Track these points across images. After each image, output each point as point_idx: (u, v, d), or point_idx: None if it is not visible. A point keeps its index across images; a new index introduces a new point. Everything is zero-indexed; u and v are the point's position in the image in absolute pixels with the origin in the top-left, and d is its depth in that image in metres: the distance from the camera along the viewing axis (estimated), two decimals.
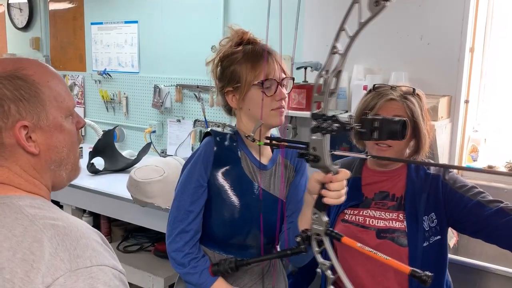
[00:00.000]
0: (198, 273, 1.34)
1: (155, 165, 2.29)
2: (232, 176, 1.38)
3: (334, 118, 0.98)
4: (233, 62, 1.35)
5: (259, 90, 1.31)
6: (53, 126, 0.88)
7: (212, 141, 1.38)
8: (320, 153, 1.01)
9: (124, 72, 3.84)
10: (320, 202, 1.08)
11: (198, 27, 3.29)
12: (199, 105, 3.32)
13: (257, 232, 1.39)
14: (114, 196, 2.63)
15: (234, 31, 1.39)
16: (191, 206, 1.36)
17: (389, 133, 0.96)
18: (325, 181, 1.07)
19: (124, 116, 3.86)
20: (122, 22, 3.78)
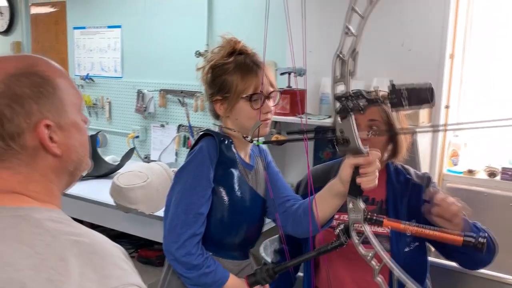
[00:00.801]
0: (213, 271, 1.33)
1: (138, 171, 2.27)
2: (232, 177, 1.40)
3: (359, 93, 0.96)
4: (224, 72, 1.37)
5: (247, 102, 1.35)
6: (71, 124, 0.83)
7: (215, 141, 1.39)
8: (349, 135, 0.99)
9: (107, 77, 3.81)
10: (355, 188, 1.05)
11: (182, 32, 3.29)
12: (183, 110, 3.32)
13: (250, 231, 1.45)
14: (96, 202, 2.60)
15: (227, 40, 1.41)
16: (201, 209, 1.34)
17: (419, 100, 0.94)
18: (360, 163, 1.06)
19: (107, 121, 3.83)
20: (105, 26, 3.76)
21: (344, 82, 0.96)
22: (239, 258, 1.46)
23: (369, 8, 0.90)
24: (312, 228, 1.33)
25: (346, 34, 0.94)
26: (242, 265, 1.46)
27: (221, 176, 1.38)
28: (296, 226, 1.39)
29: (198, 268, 1.31)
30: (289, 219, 1.41)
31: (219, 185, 1.38)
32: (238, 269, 1.43)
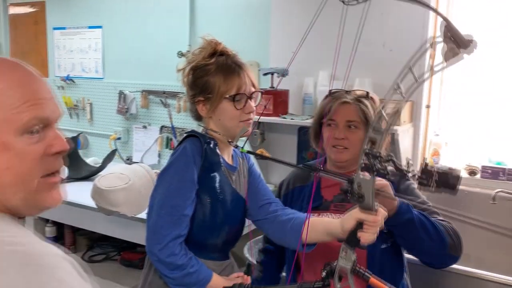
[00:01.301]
0: (197, 271, 1.33)
1: (120, 173, 2.25)
2: (216, 180, 1.40)
3: (390, 158, 0.96)
4: (206, 73, 1.38)
5: (230, 102, 1.37)
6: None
7: (199, 142, 1.39)
8: (366, 193, 0.99)
9: (88, 78, 3.76)
10: (353, 239, 1.07)
11: (164, 32, 3.27)
12: (165, 111, 3.29)
13: (231, 233, 1.46)
14: (78, 205, 2.56)
15: (207, 41, 1.42)
16: (186, 210, 1.34)
17: (447, 185, 0.97)
18: (368, 221, 1.07)
19: (88, 122, 3.79)
20: (86, 27, 3.72)
21: (378, 139, 0.95)
22: (219, 258, 1.47)
23: (427, 74, 0.91)
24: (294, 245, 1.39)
25: (394, 90, 0.94)
26: (223, 265, 1.47)
27: (205, 178, 1.38)
28: (279, 236, 1.45)
29: (182, 268, 1.31)
30: (272, 225, 1.45)
31: (203, 187, 1.38)
32: (219, 269, 1.44)
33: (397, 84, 0.93)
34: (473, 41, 0.84)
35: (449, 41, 0.86)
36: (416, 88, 0.91)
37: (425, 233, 1.41)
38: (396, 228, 1.43)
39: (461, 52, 0.85)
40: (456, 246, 1.46)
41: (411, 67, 0.90)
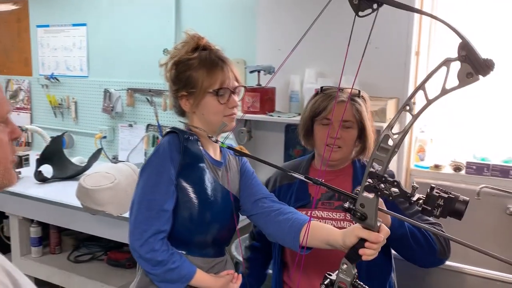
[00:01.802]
0: (179, 267, 1.32)
1: (106, 172, 2.23)
2: (199, 176, 1.39)
3: (395, 183, 0.93)
4: (189, 67, 1.37)
5: (213, 97, 1.36)
6: None
7: (178, 139, 1.38)
8: (368, 212, 0.99)
9: (73, 76, 3.72)
10: (355, 255, 1.07)
11: (150, 29, 3.24)
12: (151, 109, 3.27)
13: (220, 229, 1.43)
14: (63, 205, 2.53)
15: (190, 36, 1.41)
16: (165, 205, 1.33)
17: (453, 212, 0.92)
18: (370, 240, 1.06)
19: (73, 121, 3.75)
20: (70, 24, 3.68)
21: (384, 160, 0.93)
22: (210, 255, 1.44)
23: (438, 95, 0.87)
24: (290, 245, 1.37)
25: (403, 109, 0.91)
26: (212, 263, 1.44)
27: (186, 173, 1.37)
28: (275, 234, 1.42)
29: (163, 264, 1.31)
30: (268, 221, 1.43)
31: (185, 182, 1.37)
32: (208, 267, 1.42)
33: (408, 104, 0.90)
34: (492, 64, 0.81)
35: (466, 62, 0.82)
36: (426, 108, 0.88)
37: (417, 244, 1.45)
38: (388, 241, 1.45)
39: (478, 75, 0.82)
40: (445, 250, 1.49)
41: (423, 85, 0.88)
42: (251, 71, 2.60)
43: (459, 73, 0.83)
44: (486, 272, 1.73)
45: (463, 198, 0.92)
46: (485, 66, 0.80)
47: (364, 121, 1.54)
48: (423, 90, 0.88)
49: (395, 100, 2.31)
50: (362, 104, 1.56)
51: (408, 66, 2.32)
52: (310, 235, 1.28)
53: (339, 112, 1.51)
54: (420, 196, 0.93)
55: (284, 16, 2.62)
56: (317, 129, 1.58)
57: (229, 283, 1.41)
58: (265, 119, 2.53)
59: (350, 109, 1.53)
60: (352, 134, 1.55)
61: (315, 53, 2.49)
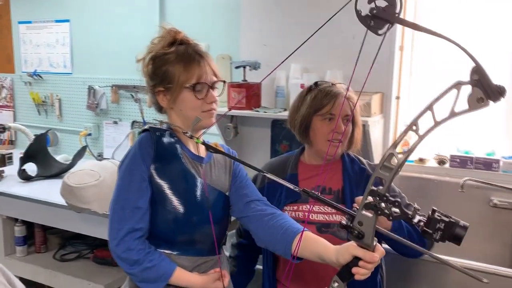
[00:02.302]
0: (156, 266, 1.30)
1: (90, 169, 2.21)
2: (176, 172, 1.36)
3: (397, 203, 0.92)
4: (166, 62, 1.34)
5: (190, 92, 1.33)
6: None
7: (150, 136, 1.36)
8: (366, 231, 0.97)
9: (56, 73, 3.68)
10: (347, 273, 1.05)
11: (133, 25, 3.22)
12: (136, 105, 3.25)
13: (205, 227, 1.38)
14: (48, 203, 2.51)
15: (167, 30, 1.39)
16: (138, 203, 1.32)
17: (452, 236, 0.91)
18: (366, 259, 1.04)
19: (57, 119, 3.71)
20: (53, 21, 3.63)
21: (387, 179, 0.92)
22: (196, 254, 1.40)
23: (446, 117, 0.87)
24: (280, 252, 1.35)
25: (409, 128, 0.91)
26: (198, 262, 1.40)
27: (160, 170, 1.34)
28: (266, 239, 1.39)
29: (139, 264, 1.29)
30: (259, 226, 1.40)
31: (159, 179, 1.34)
32: (192, 266, 1.39)
33: (414, 123, 0.90)
34: (504, 91, 0.80)
35: (477, 86, 0.81)
36: (433, 129, 0.88)
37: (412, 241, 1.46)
38: (386, 240, 1.51)
39: (488, 101, 0.81)
40: (433, 243, 1.54)
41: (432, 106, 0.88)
42: (236, 66, 2.59)
43: (470, 97, 0.83)
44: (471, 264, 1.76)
45: (463, 223, 0.91)
46: (496, 93, 0.80)
47: (357, 115, 1.59)
48: (431, 111, 0.88)
49: (380, 95, 2.32)
50: (354, 98, 1.60)
51: (392, 61, 2.34)
52: (302, 247, 1.25)
53: (343, 107, 1.55)
54: (421, 218, 0.92)
55: (269, 10, 2.61)
56: (319, 125, 1.56)
57: (214, 281, 1.38)
58: (251, 115, 2.53)
59: (347, 104, 1.57)
60: (349, 129, 1.58)
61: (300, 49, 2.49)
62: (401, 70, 2.44)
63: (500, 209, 2.24)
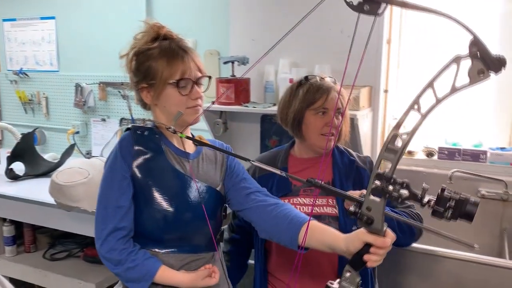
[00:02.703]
0: (139, 265, 1.29)
1: (79, 167, 2.19)
2: (159, 169, 1.34)
3: (405, 184, 0.90)
4: (149, 58, 1.32)
5: (174, 88, 1.31)
6: None
7: (130, 135, 1.35)
8: (375, 216, 0.95)
9: (43, 71, 3.65)
10: (359, 262, 1.02)
11: (120, 21, 3.19)
12: (124, 102, 3.23)
13: (193, 224, 1.36)
14: (37, 202, 2.48)
15: (150, 25, 1.36)
16: (119, 201, 1.31)
17: (463, 214, 0.89)
18: (377, 245, 1.02)
19: (45, 117, 3.67)
20: (38, 18, 3.59)
21: (392, 161, 0.89)
22: (184, 251, 1.37)
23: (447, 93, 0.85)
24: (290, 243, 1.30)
25: (411, 107, 0.88)
26: (186, 260, 1.37)
27: (143, 168, 1.33)
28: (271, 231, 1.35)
29: (122, 263, 1.29)
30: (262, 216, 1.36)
31: (143, 177, 1.32)
32: (180, 264, 1.36)
33: (416, 102, 0.87)
34: (504, 61, 0.78)
35: (477, 59, 0.80)
36: (434, 107, 0.85)
37: (402, 232, 1.49)
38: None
39: (489, 72, 0.79)
40: (421, 232, 1.57)
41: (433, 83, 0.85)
42: (225, 62, 2.58)
43: (470, 70, 0.81)
44: (460, 254, 1.78)
45: (474, 199, 0.89)
46: (497, 63, 0.79)
47: (346, 108, 1.61)
48: (431, 89, 0.85)
49: (368, 88, 2.33)
50: (343, 92, 1.61)
51: (380, 54, 2.35)
52: (310, 236, 1.22)
53: (334, 102, 1.56)
54: (431, 197, 0.91)
55: (257, 5, 2.61)
56: (313, 119, 1.57)
57: (203, 278, 1.34)
58: (241, 110, 2.52)
59: (337, 96, 1.57)
60: (340, 121, 1.60)
61: (289, 44, 2.48)
62: (389, 64, 2.45)
63: (488, 200, 2.27)
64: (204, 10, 2.92)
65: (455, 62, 0.82)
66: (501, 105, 2.41)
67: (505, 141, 2.43)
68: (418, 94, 0.87)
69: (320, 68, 2.35)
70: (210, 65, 2.89)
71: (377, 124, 2.43)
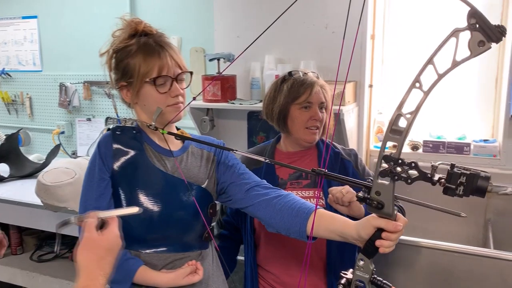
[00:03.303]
0: (118, 266, 1.22)
1: (65, 167, 2.17)
2: (138, 167, 1.32)
3: (413, 164, 0.88)
4: (127, 55, 1.29)
5: (152, 86, 1.27)
6: None
7: (110, 135, 1.34)
8: (385, 200, 0.92)
9: (26, 71, 3.60)
10: (372, 248, 1.00)
11: (104, 20, 3.16)
12: (110, 102, 3.21)
13: (175, 223, 1.33)
14: (23, 204, 2.46)
15: (127, 22, 1.32)
16: (97, 202, 1.29)
17: (476, 189, 0.87)
18: (389, 229, 0.99)
19: (29, 118, 3.63)
20: (20, 17, 3.54)
21: (398, 142, 0.87)
22: (167, 251, 1.35)
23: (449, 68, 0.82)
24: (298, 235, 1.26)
25: (413, 85, 0.85)
26: (169, 259, 1.34)
27: (122, 168, 1.31)
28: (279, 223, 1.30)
29: None
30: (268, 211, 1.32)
31: (122, 177, 1.31)
32: (163, 264, 1.34)
33: (417, 80, 0.85)
34: (504, 30, 0.76)
35: (476, 30, 0.78)
36: (437, 82, 0.83)
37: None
38: None
39: (490, 43, 0.77)
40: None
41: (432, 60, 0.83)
42: (210, 59, 2.58)
43: (470, 42, 0.79)
44: (446, 245, 1.81)
45: (484, 174, 0.87)
46: (497, 32, 0.77)
47: (328, 103, 1.62)
48: (432, 65, 0.83)
49: (353, 84, 2.35)
50: (327, 86, 1.63)
51: (364, 49, 2.37)
52: (318, 225, 1.19)
53: (318, 96, 1.58)
54: (441, 175, 0.89)
55: (241, 2, 2.61)
56: (298, 113, 1.59)
57: (184, 276, 1.31)
58: (227, 107, 2.52)
59: (322, 92, 1.60)
60: (325, 116, 1.62)
61: (274, 40, 2.51)
62: (373, 59, 2.47)
63: None
64: (189, 7, 2.91)
65: (453, 36, 0.80)
66: (484, 98, 2.45)
67: (488, 134, 2.47)
68: (418, 71, 0.84)
69: (305, 64, 2.36)
70: (195, 63, 2.89)
71: (363, 119, 2.45)
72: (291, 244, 1.56)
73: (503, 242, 2.19)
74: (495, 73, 2.39)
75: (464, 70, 2.43)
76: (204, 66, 2.87)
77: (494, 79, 2.39)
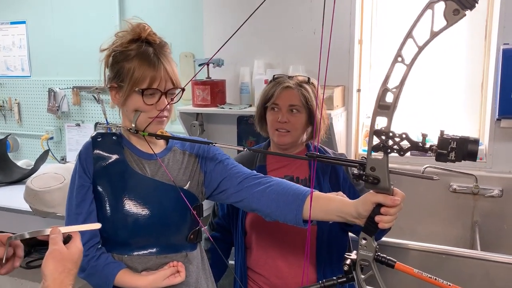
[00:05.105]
0: (98, 272, 1.28)
1: (55, 172, 2.16)
2: (117, 171, 1.32)
3: (404, 135, 0.90)
4: (124, 58, 1.29)
5: (139, 96, 1.27)
6: None
7: (90, 142, 1.36)
8: (380, 174, 0.93)
9: (14, 77, 3.58)
10: (372, 225, 1.00)
11: (93, 25, 3.16)
12: (99, 107, 3.20)
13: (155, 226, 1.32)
14: (11, 210, 2.44)
15: (134, 26, 1.32)
16: (78, 209, 1.31)
17: (467, 153, 0.88)
18: (387, 204, 0.99)
19: (17, 123, 3.61)
20: (8, 23, 3.53)
21: (387, 116, 0.89)
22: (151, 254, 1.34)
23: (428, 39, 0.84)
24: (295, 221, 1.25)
25: (395, 60, 0.87)
26: (150, 262, 1.33)
27: (102, 175, 1.32)
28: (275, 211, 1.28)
29: (82, 270, 1.28)
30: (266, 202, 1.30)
31: (102, 183, 1.32)
32: (143, 267, 1.33)
33: (399, 54, 0.87)
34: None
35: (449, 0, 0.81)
36: (418, 54, 0.85)
37: None
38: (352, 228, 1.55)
39: (465, 10, 0.80)
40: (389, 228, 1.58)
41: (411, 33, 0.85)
42: (200, 64, 2.59)
43: (445, 12, 0.81)
44: (435, 247, 1.83)
45: (473, 138, 0.89)
46: (471, 1, 0.80)
47: (312, 106, 1.58)
48: (412, 38, 0.85)
49: (341, 88, 2.38)
50: (310, 90, 1.60)
51: (352, 54, 2.40)
52: (315, 207, 1.18)
53: (286, 97, 1.58)
54: (432, 143, 0.90)
55: (230, 8, 2.63)
56: (268, 114, 1.63)
57: (165, 278, 1.31)
58: (217, 112, 2.54)
59: (298, 94, 1.59)
60: (299, 118, 1.59)
61: (263, 45, 2.53)
62: (361, 63, 2.50)
63: (459, 194, 2.34)
64: (178, 13, 2.93)
65: (429, 8, 0.83)
66: (470, 101, 2.48)
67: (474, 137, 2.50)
68: (399, 46, 0.87)
69: (294, 69, 2.38)
70: (185, 68, 2.90)
71: (351, 123, 2.48)
72: (282, 246, 1.57)
73: (490, 243, 2.22)
74: (480, 77, 2.42)
75: (451, 74, 2.46)
76: (194, 71, 2.88)
77: (480, 83, 2.43)
